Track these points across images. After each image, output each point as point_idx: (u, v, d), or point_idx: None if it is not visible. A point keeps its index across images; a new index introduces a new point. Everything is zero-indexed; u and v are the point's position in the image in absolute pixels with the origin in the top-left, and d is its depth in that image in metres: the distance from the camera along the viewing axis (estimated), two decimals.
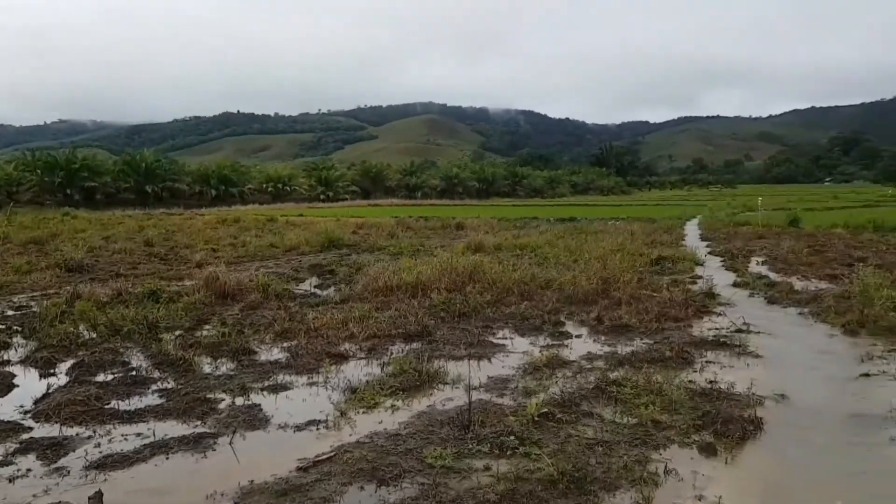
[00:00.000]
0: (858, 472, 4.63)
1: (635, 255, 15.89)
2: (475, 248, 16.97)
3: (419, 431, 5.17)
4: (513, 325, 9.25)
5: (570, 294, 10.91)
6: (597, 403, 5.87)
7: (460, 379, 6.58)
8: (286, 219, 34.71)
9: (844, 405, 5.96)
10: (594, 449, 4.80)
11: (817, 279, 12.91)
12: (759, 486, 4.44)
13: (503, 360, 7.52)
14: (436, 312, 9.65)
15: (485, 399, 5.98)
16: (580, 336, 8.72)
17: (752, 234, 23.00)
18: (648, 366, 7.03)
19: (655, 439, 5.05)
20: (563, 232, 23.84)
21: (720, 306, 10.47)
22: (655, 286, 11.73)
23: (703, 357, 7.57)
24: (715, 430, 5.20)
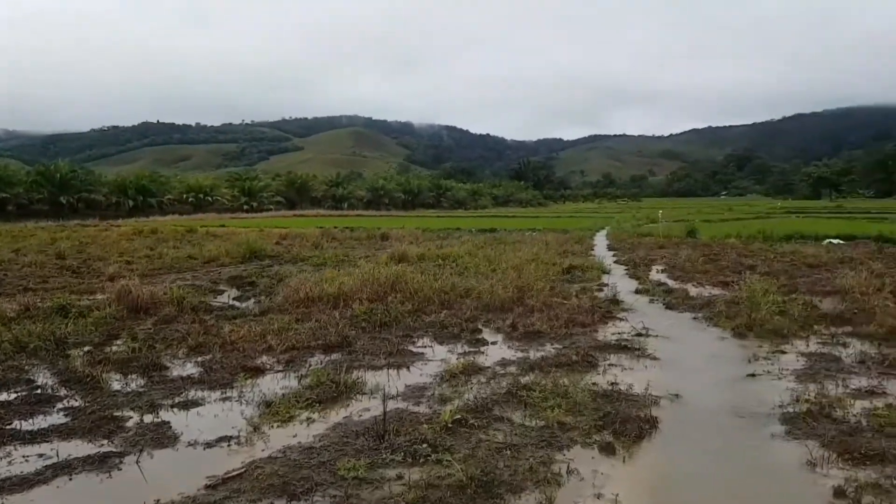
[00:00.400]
0: (743, 468, 4.84)
1: (549, 264, 16.21)
2: (399, 258, 16.90)
3: (334, 443, 5.08)
4: (432, 333, 9.25)
5: (488, 302, 11.02)
6: (508, 408, 5.94)
7: (378, 389, 6.52)
8: (206, 229, 33.55)
9: (732, 404, 6.23)
10: (503, 453, 4.85)
11: (711, 286, 13.51)
12: (653, 482, 4.59)
13: (421, 368, 7.51)
14: (357, 323, 9.53)
15: (401, 408, 5.95)
16: (496, 343, 8.81)
17: (654, 244, 23.85)
18: (556, 370, 7.18)
19: (560, 441, 5.15)
20: (484, 242, 24.07)
21: (623, 312, 10.80)
22: (566, 294, 12.01)
23: (607, 360, 7.78)
24: (614, 429, 5.35)
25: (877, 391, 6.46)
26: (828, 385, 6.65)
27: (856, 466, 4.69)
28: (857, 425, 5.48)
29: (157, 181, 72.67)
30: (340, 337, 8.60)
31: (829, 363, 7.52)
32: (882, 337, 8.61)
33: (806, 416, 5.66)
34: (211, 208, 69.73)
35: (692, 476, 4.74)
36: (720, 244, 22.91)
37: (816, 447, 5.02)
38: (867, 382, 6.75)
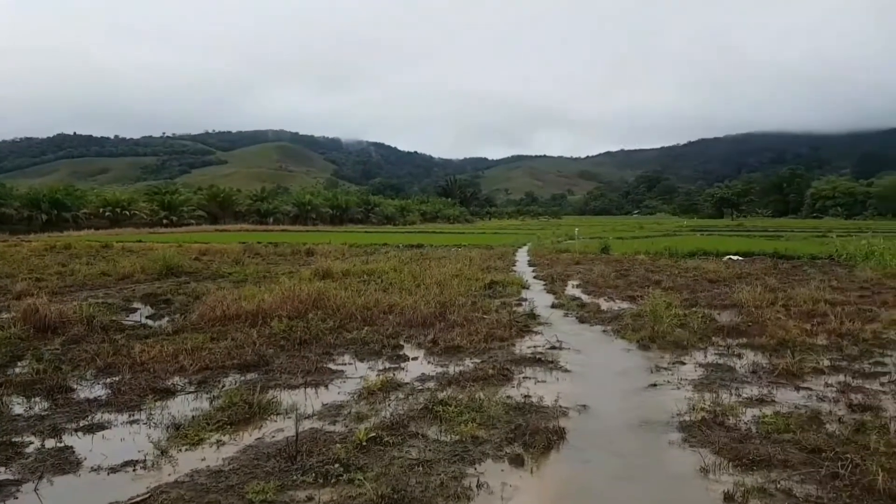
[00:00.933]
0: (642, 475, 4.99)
1: (472, 279, 16.36)
2: (323, 274, 16.67)
3: (244, 466, 4.91)
4: (353, 350, 9.12)
5: (411, 318, 10.99)
6: (423, 424, 5.92)
7: (293, 408, 6.36)
8: (123, 245, 32.09)
9: (635, 413, 6.43)
10: (415, 469, 4.82)
11: (620, 300, 13.96)
12: (558, 492, 4.67)
13: (340, 386, 7.38)
14: (276, 341, 9.28)
15: (316, 427, 5.82)
16: (416, 358, 8.77)
17: (571, 259, 24.46)
18: (473, 384, 7.22)
19: (472, 455, 5.16)
20: (410, 258, 24.04)
21: (539, 326, 10.99)
22: (486, 308, 12.13)
23: (522, 373, 7.89)
24: (524, 441, 5.42)
25: (766, 399, 6.80)
26: (722, 394, 6.96)
27: (744, 472, 4.91)
28: (747, 432, 5.75)
29: (72, 195, 68.47)
30: (257, 356, 8.35)
31: (724, 373, 7.87)
32: (773, 348, 9.08)
33: (701, 425, 5.90)
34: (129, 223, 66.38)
35: (595, 484, 4.85)
36: (630, 260, 23.71)
37: (709, 454, 5.23)
38: (758, 391, 7.09)
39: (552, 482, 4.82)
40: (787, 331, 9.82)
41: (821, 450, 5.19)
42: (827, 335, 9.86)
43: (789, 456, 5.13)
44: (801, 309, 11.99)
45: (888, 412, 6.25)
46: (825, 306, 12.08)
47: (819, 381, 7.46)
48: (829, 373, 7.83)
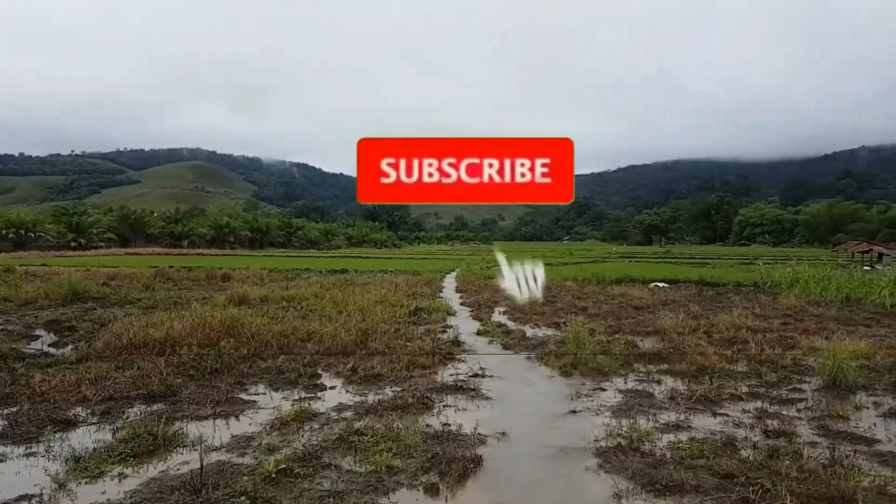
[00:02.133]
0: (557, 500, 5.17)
1: (396, 306, 16.43)
2: (239, 300, 16.36)
3: (146, 500, 4.83)
4: (268, 379, 9.03)
5: (331, 346, 10.96)
6: (337, 454, 5.93)
7: (200, 440, 6.26)
8: (26, 269, 30.56)
9: (553, 440, 6.64)
10: (326, 501, 4.84)
11: (546, 326, 14.33)
12: None
13: (251, 417, 7.29)
14: (184, 370, 9.10)
15: (224, 460, 5.75)
16: (334, 387, 8.76)
17: (498, 286, 24.87)
18: (392, 413, 7.27)
19: (386, 485, 5.22)
20: (334, 284, 23.87)
21: (463, 353, 11.17)
22: (410, 336, 12.22)
23: (443, 401, 8.01)
24: (440, 470, 5.52)
25: (682, 425, 7.14)
26: (640, 420, 7.27)
27: (657, 497, 5.16)
28: (661, 458, 6.03)
29: None
30: (164, 385, 8.17)
31: (643, 399, 8.22)
32: (692, 374, 9.54)
33: (616, 451, 6.16)
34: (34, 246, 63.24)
35: None
36: (559, 286, 24.33)
37: (623, 480, 5.47)
38: (675, 417, 7.44)
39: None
40: (707, 357, 10.33)
41: (733, 475, 5.49)
42: (747, 362, 10.43)
43: (702, 481, 5.41)
44: (723, 336, 12.65)
45: (802, 438, 6.67)
46: (747, 333, 12.78)
47: (736, 408, 7.87)
48: (746, 399, 8.27)
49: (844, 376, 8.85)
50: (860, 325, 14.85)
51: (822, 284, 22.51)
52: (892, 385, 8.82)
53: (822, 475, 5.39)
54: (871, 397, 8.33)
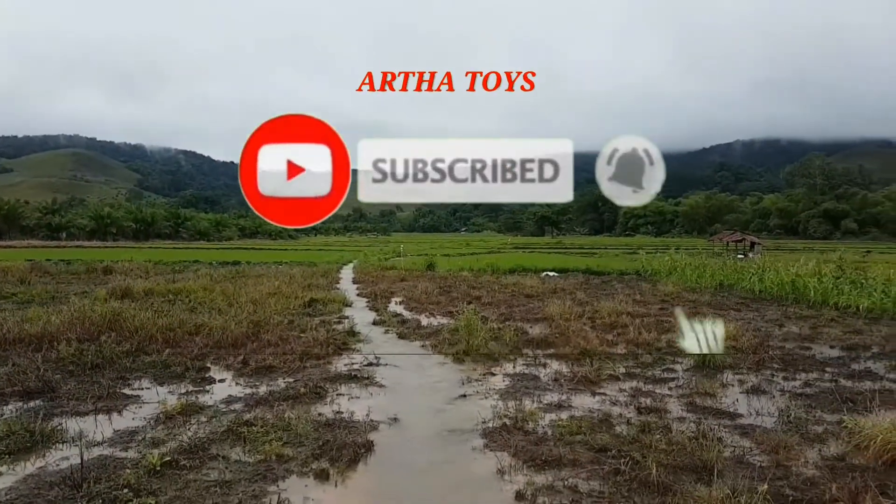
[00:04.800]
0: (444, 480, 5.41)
1: (291, 297, 16.27)
2: (121, 294, 15.69)
3: (23, 496, 4.67)
4: (152, 374, 8.78)
5: (220, 338, 10.74)
6: (225, 446, 5.91)
7: (81, 436, 6.06)
8: None
9: (443, 423, 6.89)
10: (212, 490, 4.84)
11: (441, 316, 14.66)
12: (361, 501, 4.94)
13: (135, 412, 7.10)
14: (63, 366, 8.72)
15: (106, 454, 5.60)
16: (224, 380, 8.63)
17: (397, 276, 25.10)
18: (283, 403, 7.29)
19: (276, 473, 5.28)
20: (225, 276, 23.28)
21: (359, 343, 11.27)
22: (304, 327, 12.17)
23: (336, 390, 8.09)
24: (331, 457, 5.63)
25: (564, 405, 7.58)
26: (525, 401, 7.65)
27: (537, 472, 5.49)
28: (543, 436, 6.40)
29: None
30: (42, 382, 7.78)
31: (529, 382, 8.65)
32: (575, 357, 10.08)
33: (502, 430, 6.49)
34: None
35: (398, 491, 5.18)
36: (455, 277, 24.84)
37: (506, 457, 5.79)
38: (557, 398, 7.87)
39: (356, 493, 5.08)
40: (590, 341, 10.93)
41: (607, 449, 5.92)
42: (626, 345, 11.14)
43: (578, 456, 5.80)
44: (605, 321, 13.40)
45: (672, 414, 7.24)
46: (627, 318, 13.59)
47: (614, 387, 8.44)
48: (623, 379, 8.87)
49: (713, 357, 9.65)
50: (731, 310, 16.12)
51: (698, 272, 24.25)
52: (756, 364, 9.68)
53: (688, 447, 5.89)
54: (737, 376, 9.11)
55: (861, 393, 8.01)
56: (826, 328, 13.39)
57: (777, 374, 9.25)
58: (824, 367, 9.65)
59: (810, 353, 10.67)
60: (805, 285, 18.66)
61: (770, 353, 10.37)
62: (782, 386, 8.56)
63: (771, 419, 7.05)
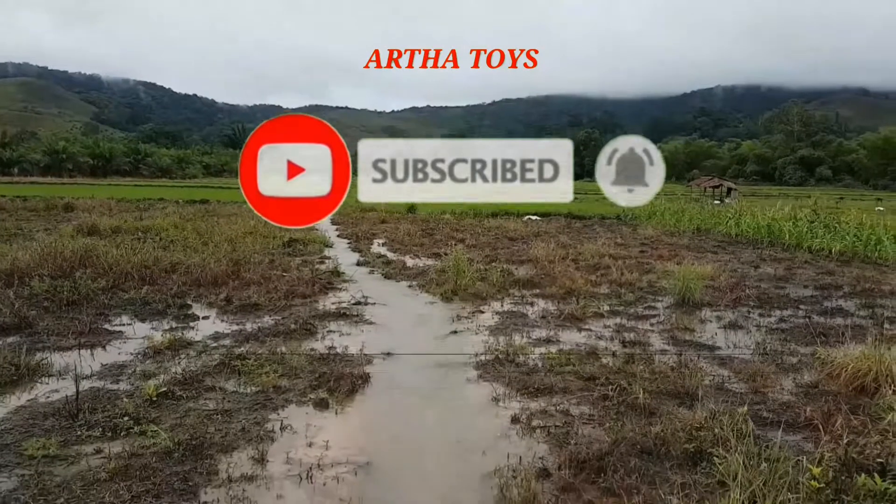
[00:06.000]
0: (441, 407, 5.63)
1: (269, 237, 16.23)
2: (88, 230, 15.50)
3: (17, 426, 4.76)
4: (132, 311, 8.81)
5: (199, 277, 10.75)
6: (220, 378, 6.04)
7: (68, 369, 6.13)
8: None
9: (437, 357, 7.11)
10: (214, 418, 4.99)
11: (426, 257, 14.81)
12: (361, 427, 5.14)
13: (120, 346, 7.17)
14: (38, 302, 8.69)
15: (98, 386, 5.71)
16: (208, 317, 8.70)
17: (377, 219, 25.09)
18: (274, 339, 7.42)
19: (275, 402, 5.44)
20: (194, 214, 23.06)
21: (344, 283, 11.38)
22: (286, 266, 12.22)
23: (326, 327, 8.24)
24: (329, 387, 5.81)
25: (552, 340, 7.86)
26: (515, 336, 7.90)
27: (530, 399, 5.75)
28: (534, 367, 6.67)
29: None
30: (18, 318, 7.76)
31: (517, 319, 8.90)
32: (561, 296, 10.35)
33: (494, 363, 6.74)
34: None
35: (398, 417, 5.40)
36: (436, 219, 24.94)
37: (500, 386, 6.04)
38: (546, 333, 8.14)
39: (356, 420, 5.28)
40: (574, 282, 11.20)
41: (595, 378, 6.22)
42: (609, 285, 11.45)
43: (568, 384, 6.08)
44: (588, 263, 13.69)
45: (654, 347, 7.61)
46: (609, 260, 13.91)
47: (599, 324, 8.76)
48: (608, 316, 9.20)
49: (692, 295, 10.06)
50: (708, 252, 16.60)
51: (677, 217, 24.81)
52: (733, 302, 10.09)
53: (671, 376, 6.25)
54: (714, 312, 9.52)
55: (833, 328, 8.51)
56: (800, 269, 13.94)
57: (753, 311, 9.70)
58: (798, 305, 10.14)
59: (785, 292, 11.16)
60: (780, 229, 19.30)
61: (746, 292, 10.82)
62: (758, 322, 9.01)
63: (748, 351, 7.49)
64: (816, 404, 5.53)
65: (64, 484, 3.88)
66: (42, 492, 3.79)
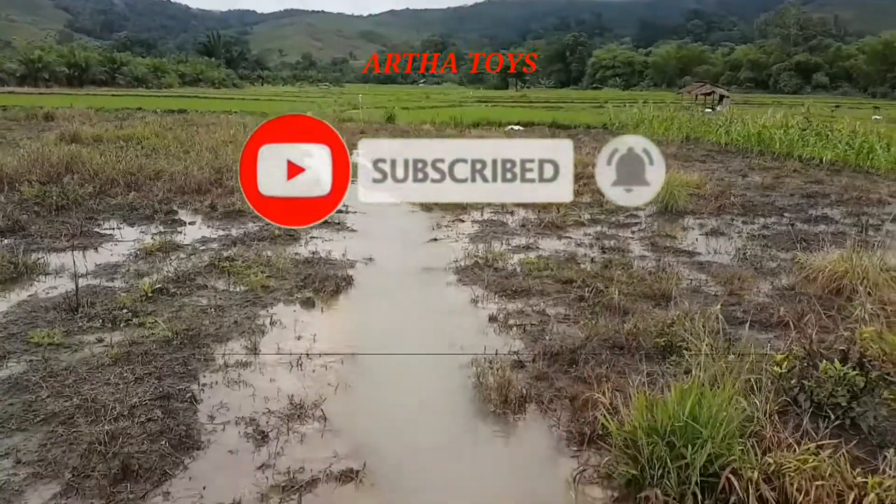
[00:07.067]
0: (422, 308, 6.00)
1: None
2: (71, 138, 15.47)
3: (21, 318, 5.09)
4: (120, 215, 9.06)
5: (183, 184, 10.93)
6: (211, 277, 6.37)
7: (65, 269, 6.43)
8: None
9: (418, 262, 7.43)
10: (208, 312, 5.33)
11: None
12: (346, 323, 5.52)
13: (112, 248, 7.46)
14: (28, 206, 8.92)
15: (94, 284, 6.02)
16: (194, 223, 8.97)
17: (356, 129, 24.92)
18: (259, 243, 7.71)
19: (264, 300, 5.79)
20: (173, 124, 22.83)
21: None
22: None
23: (309, 234, 8.51)
24: (314, 287, 6.16)
25: (532, 247, 8.18)
26: (494, 244, 8.22)
27: (507, 300, 6.11)
28: (512, 272, 7.00)
29: None
30: (11, 221, 8.02)
31: (497, 227, 9.21)
32: (541, 206, 10.55)
33: (474, 267, 7.07)
34: None
35: (380, 316, 5.78)
36: (416, 129, 24.82)
37: (479, 289, 6.39)
38: (525, 241, 8.46)
39: (341, 317, 5.66)
40: None
41: (573, 281, 6.57)
42: (591, 194, 11.66)
43: (546, 287, 6.44)
44: None
45: (634, 253, 7.93)
46: (592, 170, 14.05)
47: (579, 232, 9.07)
48: (588, 224, 9.52)
49: (676, 203, 10.31)
50: (696, 161, 16.81)
51: (666, 125, 24.75)
52: (717, 210, 10.40)
53: (648, 279, 6.59)
54: (698, 220, 9.86)
55: (816, 234, 8.83)
56: (788, 178, 14.24)
57: (737, 218, 10.06)
58: (783, 213, 10.50)
59: (770, 200, 11.48)
60: (771, 137, 19.39)
61: (731, 200, 11.10)
62: (741, 229, 9.36)
63: (728, 257, 7.81)
64: (791, 305, 5.80)
65: (70, 368, 4.24)
66: (50, 374, 4.15)
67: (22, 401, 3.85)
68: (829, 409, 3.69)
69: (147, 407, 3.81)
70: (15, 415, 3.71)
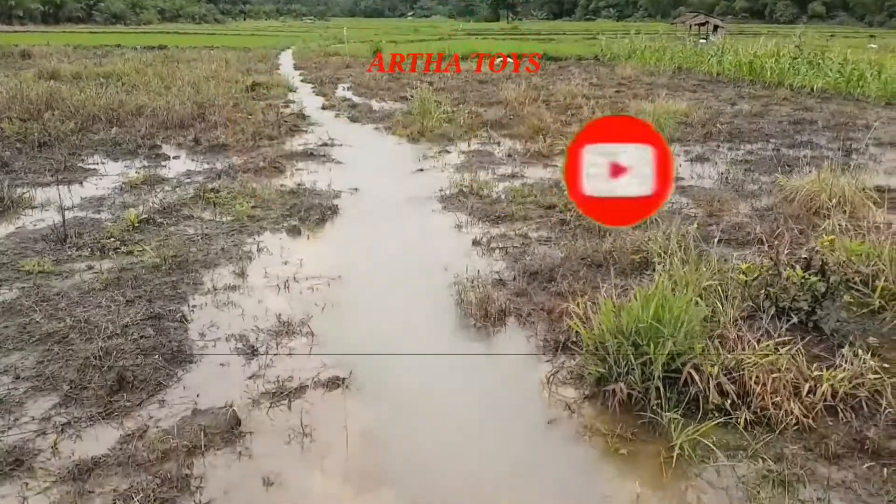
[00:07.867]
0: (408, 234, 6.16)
1: (231, 82, 16.11)
2: (49, 75, 15.30)
3: (11, 249, 5.22)
4: (104, 151, 9.13)
5: (165, 119, 10.94)
6: (197, 208, 6.49)
7: (51, 202, 6.53)
8: None
9: (402, 192, 7.54)
10: (195, 240, 5.48)
11: (392, 101, 14.88)
12: (332, 249, 5.67)
13: (97, 182, 7.55)
14: (10, 143, 8.96)
15: (81, 216, 6.13)
16: (178, 157, 9.04)
17: (342, 63, 24.63)
18: (244, 175, 7.80)
19: (250, 229, 5.93)
20: (154, 60, 22.49)
21: (310, 126, 11.59)
22: (251, 109, 12.32)
23: (294, 166, 8.61)
24: (300, 216, 6.29)
25: (517, 175, 8.29)
26: (480, 173, 8.31)
27: (491, 225, 6.27)
28: (497, 199, 7.13)
29: None
30: None
31: (483, 158, 9.29)
32: (528, 136, 10.65)
33: (459, 195, 7.19)
34: None
35: (365, 242, 5.92)
36: None
37: (463, 215, 6.53)
38: (511, 170, 8.56)
39: (327, 244, 5.80)
40: (543, 121, 11.46)
41: (555, 206, 6.71)
42: (579, 124, 11.67)
43: (529, 212, 6.59)
44: (560, 103, 13.88)
45: None
46: (582, 100, 14.07)
47: None
48: None
49: (662, 131, 10.39)
50: (686, 91, 16.76)
51: (657, 56, 24.55)
52: (703, 137, 10.50)
53: None
54: (684, 147, 9.93)
55: (799, 159, 8.96)
56: (777, 106, 14.27)
57: (723, 144, 10.15)
58: (769, 139, 10.59)
59: (758, 127, 11.54)
60: (762, 66, 19.29)
61: (718, 128, 11.18)
62: (726, 155, 9.46)
63: (711, 181, 7.95)
64: (767, 224, 5.97)
65: (62, 293, 4.39)
66: (43, 299, 4.30)
67: (16, 324, 4.02)
68: (793, 313, 3.89)
69: (139, 326, 3.98)
70: (11, 336, 3.88)
